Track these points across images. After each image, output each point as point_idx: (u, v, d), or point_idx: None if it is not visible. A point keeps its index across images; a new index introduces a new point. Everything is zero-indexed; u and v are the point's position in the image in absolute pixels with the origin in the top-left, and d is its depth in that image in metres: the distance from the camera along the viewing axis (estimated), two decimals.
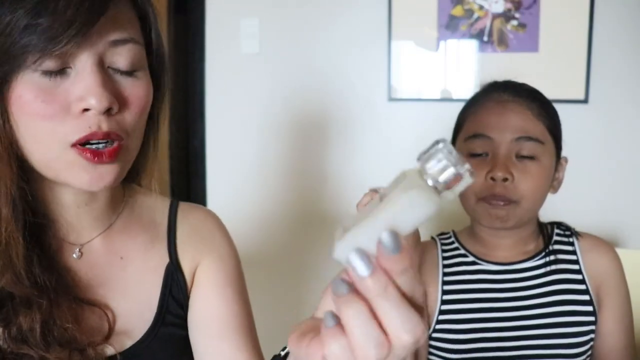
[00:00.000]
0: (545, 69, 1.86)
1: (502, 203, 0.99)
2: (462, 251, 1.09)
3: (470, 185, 0.44)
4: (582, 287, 1.04)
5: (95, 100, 0.62)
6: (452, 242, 1.12)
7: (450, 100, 1.96)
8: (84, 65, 0.63)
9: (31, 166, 0.67)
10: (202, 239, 0.84)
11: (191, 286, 0.82)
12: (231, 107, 2.15)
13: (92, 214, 0.75)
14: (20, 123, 0.63)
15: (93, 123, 0.64)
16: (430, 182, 0.43)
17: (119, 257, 0.77)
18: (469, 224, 1.14)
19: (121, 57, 0.66)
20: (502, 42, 1.89)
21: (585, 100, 1.86)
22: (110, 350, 0.71)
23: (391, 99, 2.00)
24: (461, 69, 1.95)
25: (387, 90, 2.00)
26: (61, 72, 0.63)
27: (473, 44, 1.92)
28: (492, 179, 0.98)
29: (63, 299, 0.68)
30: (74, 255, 0.74)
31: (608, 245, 1.09)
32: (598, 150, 1.89)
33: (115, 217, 0.79)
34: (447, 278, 1.07)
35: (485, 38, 1.90)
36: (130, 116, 0.68)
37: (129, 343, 0.74)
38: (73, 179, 0.66)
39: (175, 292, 0.79)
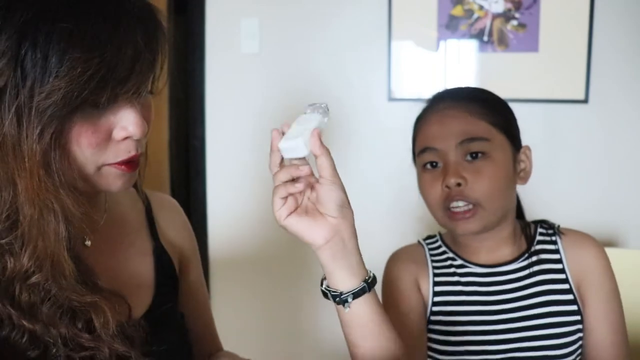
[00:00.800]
0: (545, 69, 1.86)
1: (462, 204, 1.00)
2: (450, 254, 1.09)
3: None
4: (566, 286, 1.03)
5: (138, 131, 0.69)
6: (440, 246, 1.12)
7: None
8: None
9: None
10: (179, 233, 0.94)
11: (178, 267, 0.91)
12: (231, 107, 2.15)
13: (97, 206, 0.81)
14: (66, 150, 0.67)
15: (132, 147, 0.71)
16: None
17: (119, 243, 0.84)
18: None
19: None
20: (502, 42, 1.89)
21: (585, 100, 1.86)
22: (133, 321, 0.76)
23: (391, 99, 2.00)
24: (461, 69, 1.95)
25: (387, 90, 2.00)
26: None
27: (473, 44, 1.92)
28: (447, 187, 1.00)
29: (99, 288, 0.72)
30: (86, 243, 0.78)
31: (591, 240, 1.08)
32: (598, 150, 1.89)
33: (105, 206, 0.84)
34: (437, 279, 1.07)
35: (485, 38, 1.90)
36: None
37: (140, 313, 0.80)
38: (106, 185, 0.73)
39: (166, 269, 0.88)
